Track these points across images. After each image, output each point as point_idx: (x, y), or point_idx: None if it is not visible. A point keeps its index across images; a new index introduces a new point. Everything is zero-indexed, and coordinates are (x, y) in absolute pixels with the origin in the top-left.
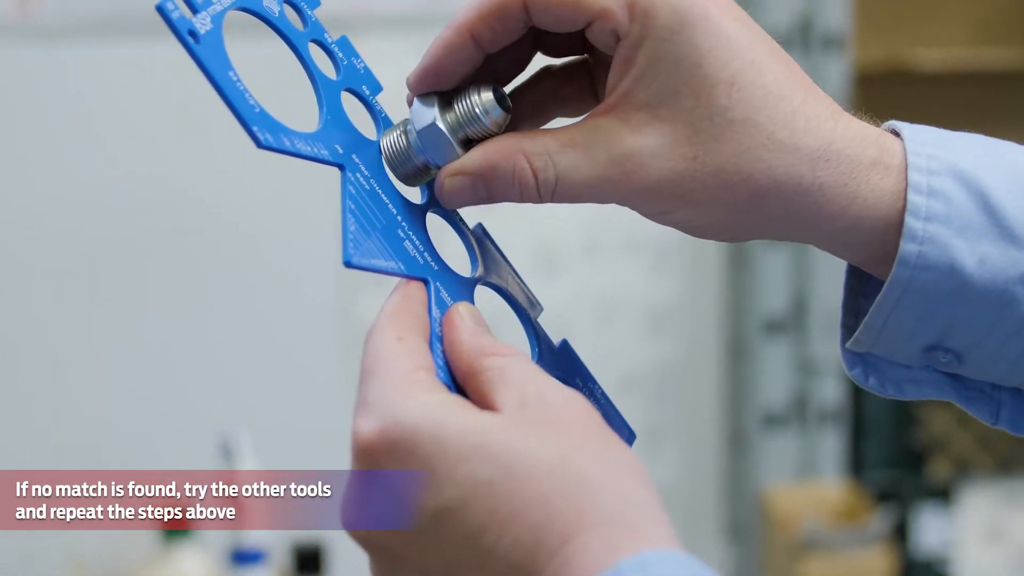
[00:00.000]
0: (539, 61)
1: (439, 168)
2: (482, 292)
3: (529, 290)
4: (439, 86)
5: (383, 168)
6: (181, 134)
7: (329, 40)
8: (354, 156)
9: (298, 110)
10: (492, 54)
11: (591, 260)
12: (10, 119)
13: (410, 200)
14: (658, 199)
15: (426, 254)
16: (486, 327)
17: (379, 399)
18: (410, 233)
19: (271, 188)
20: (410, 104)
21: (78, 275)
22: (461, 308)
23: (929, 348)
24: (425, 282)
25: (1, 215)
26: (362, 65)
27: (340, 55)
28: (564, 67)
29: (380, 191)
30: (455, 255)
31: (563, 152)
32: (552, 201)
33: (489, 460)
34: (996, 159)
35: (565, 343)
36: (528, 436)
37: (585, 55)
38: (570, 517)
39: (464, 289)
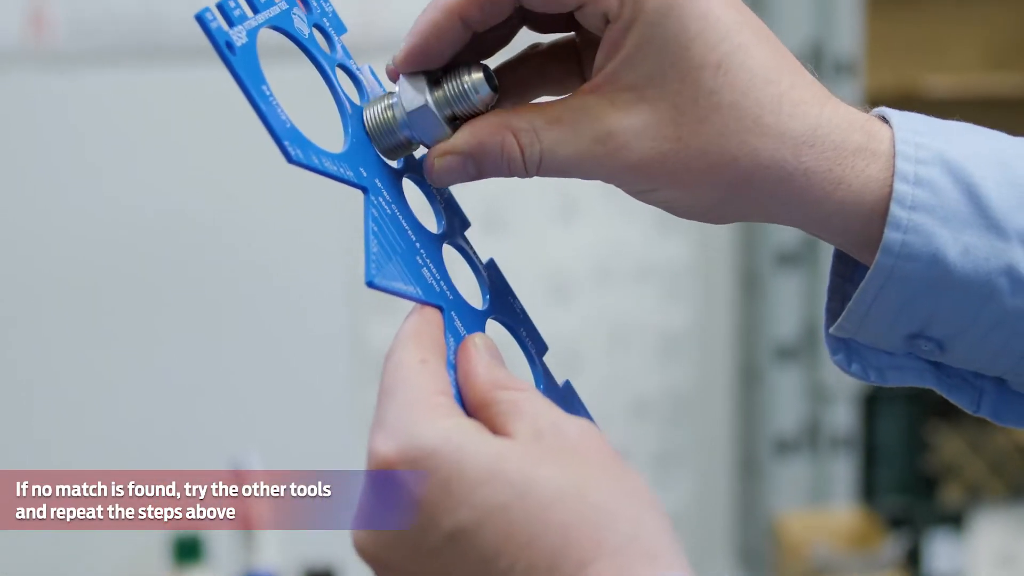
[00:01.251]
0: (525, 37)
1: (423, 144)
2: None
3: (536, 328)
4: (426, 66)
5: (403, 195)
6: (194, 160)
7: (355, 66)
8: (377, 180)
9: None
10: (481, 33)
11: (603, 287)
12: (24, 144)
13: (428, 230)
14: (641, 178)
15: (442, 283)
16: (501, 360)
17: (399, 419)
18: (428, 261)
19: (284, 215)
20: (391, 76)
21: (90, 301)
22: (477, 339)
23: (912, 336)
24: (441, 310)
25: (16, 238)
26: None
27: (365, 82)
28: (551, 46)
29: (401, 217)
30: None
31: (549, 129)
32: (538, 175)
33: (507, 485)
34: (985, 149)
35: (568, 384)
36: (545, 463)
37: (572, 34)
38: (587, 544)
39: (477, 321)
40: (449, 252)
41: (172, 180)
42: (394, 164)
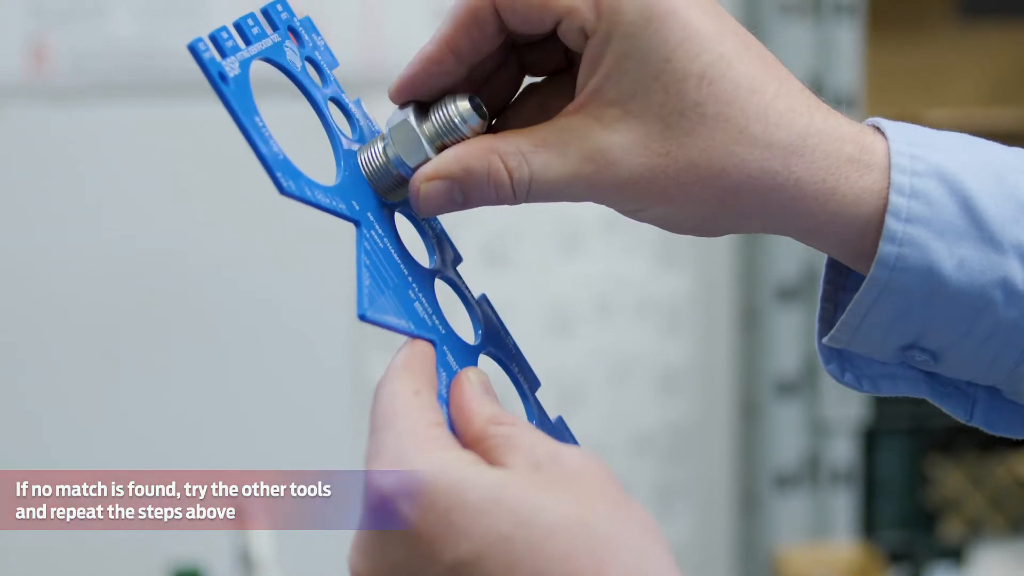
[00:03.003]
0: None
1: (410, 172)
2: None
3: (528, 364)
4: (418, 96)
5: (395, 229)
6: (195, 194)
7: (347, 100)
8: (369, 214)
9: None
10: (482, 80)
11: (604, 321)
12: (24, 178)
13: (420, 264)
14: (632, 195)
15: (435, 317)
16: (494, 395)
17: (396, 451)
18: (420, 295)
19: (286, 248)
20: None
21: (89, 335)
22: (471, 374)
23: (906, 347)
24: (433, 343)
25: (17, 271)
26: (376, 127)
27: (357, 115)
28: (548, 80)
29: (393, 251)
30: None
31: (536, 151)
32: (527, 201)
33: (508, 515)
34: (980, 161)
35: (561, 420)
36: (546, 493)
37: (569, 66)
38: (589, 575)
39: (469, 356)
40: (442, 287)
41: (173, 214)
42: (427, 264)
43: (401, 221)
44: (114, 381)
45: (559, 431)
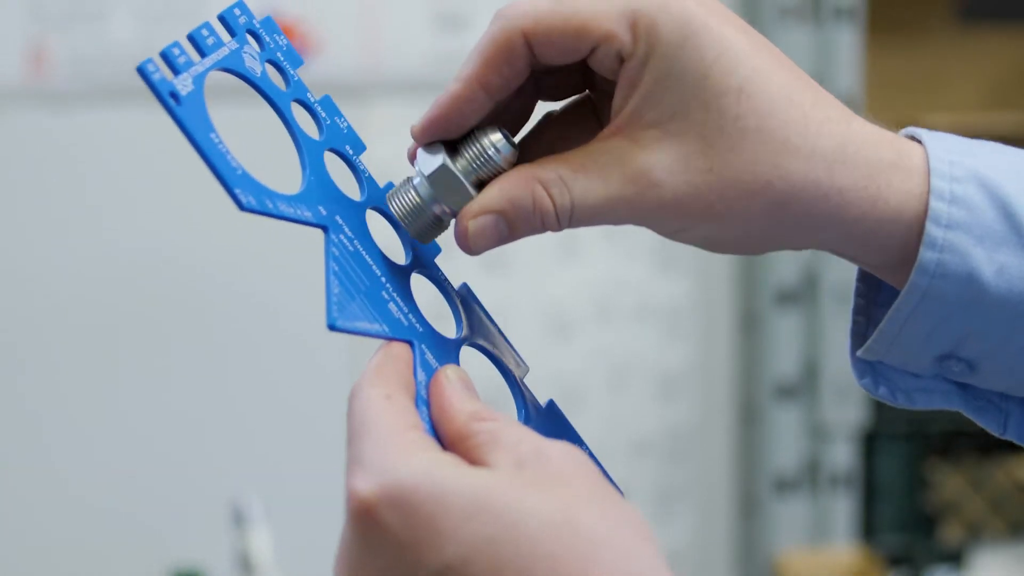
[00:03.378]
0: (540, 109)
1: (454, 214)
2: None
3: (515, 350)
4: (445, 136)
5: (367, 229)
6: (194, 198)
7: (312, 99)
8: (337, 217)
9: (284, 175)
10: (497, 106)
11: (603, 325)
12: (23, 183)
13: (394, 262)
14: (676, 215)
15: (411, 316)
16: (474, 391)
17: (375, 458)
18: (394, 295)
19: (282, 257)
20: (411, 158)
21: (87, 340)
22: (449, 372)
23: (942, 357)
24: (410, 344)
25: (15, 276)
26: (345, 124)
27: (323, 115)
28: (566, 109)
29: (364, 252)
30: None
31: (576, 176)
32: (571, 226)
33: (493, 518)
34: (1014, 166)
35: (552, 403)
36: (531, 493)
37: (586, 91)
38: None
39: (450, 351)
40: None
41: (172, 218)
42: (402, 262)
43: (373, 218)
44: (114, 384)
45: (550, 417)
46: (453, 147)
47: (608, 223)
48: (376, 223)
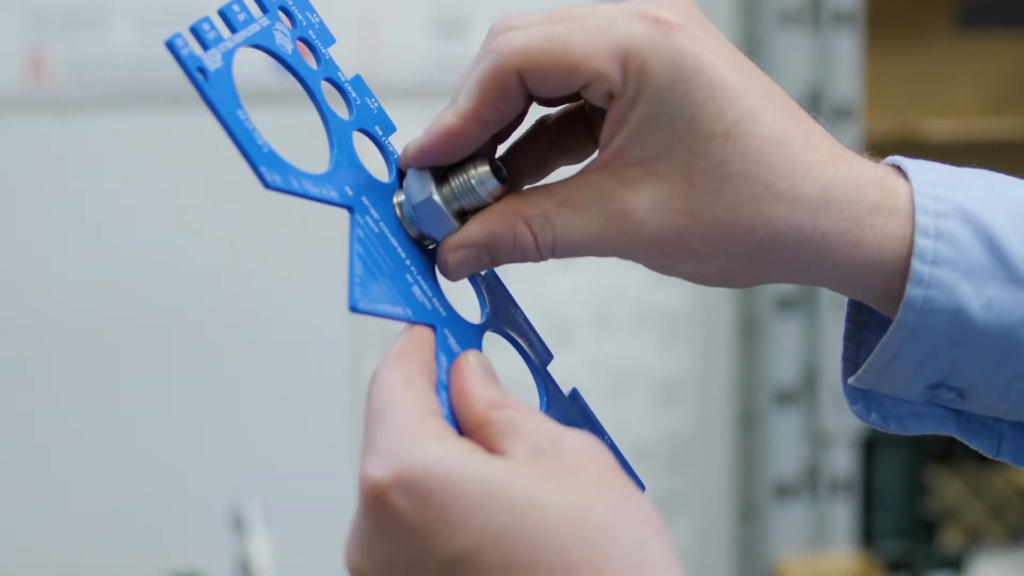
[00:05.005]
0: (535, 111)
1: (433, 239)
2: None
3: (540, 337)
4: (437, 164)
5: (394, 211)
6: (194, 204)
7: (343, 79)
8: (364, 198)
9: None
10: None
11: (603, 332)
12: (22, 189)
13: (421, 244)
14: (658, 253)
15: (435, 300)
16: (495, 378)
17: (390, 443)
18: (419, 278)
19: (282, 262)
20: (400, 173)
21: (87, 347)
22: (471, 357)
23: (933, 386)
24: (433, 328)
25: (14, 283)
26: (376, 105)
27: (353, 94)
28: (560, 116)
29: (390, 234)
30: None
31: (559, 212)
32: (553, 257)
33: (504, 508)
34: (1002, 197)
35: (575, 392)
36: (543, 484)
37: (581, 101)
38: (587, 569)
39: (473, 337)
40: None
41: (172, 224)
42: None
43: None
44: (114, 389)
45: (573, 405)
46: (441, 170)
47: (591, 255)
48: None
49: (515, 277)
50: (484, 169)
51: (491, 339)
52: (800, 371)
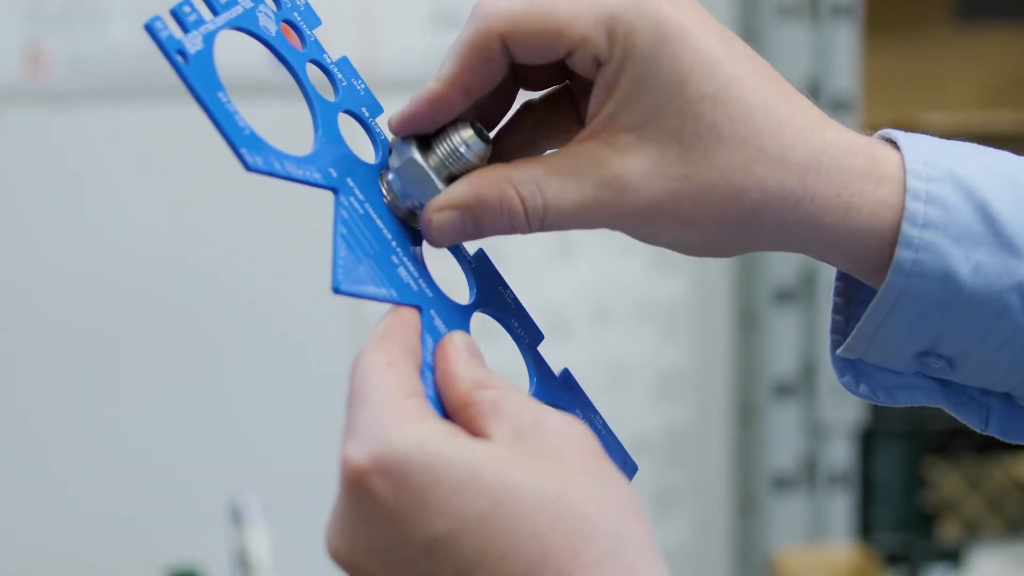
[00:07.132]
0: (521, 97)
1: (422, 205)
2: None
3: (529, 317)
4: (420, 130)
5: (379, 192)
6: (193, 197)
7: (328, 60)
8: (349, 179)
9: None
10: (477, 101)
11: (601, 325)
12: (21, 183)
13: (407, 225)
14: (650, 220)
15: (421, 281)
16: (481, 358)
17: (370, 426)
18: (404, 259)
19: (283, 257)
20: (389, 150)
21: (85, 340)
22: (456, 338)
23: (921, 354)
24: (419, 309)
25: (12, 276)
26: (362, 86)
27: (339, 76)
28: (545, 99)
29: (375, 215)
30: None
31: (550, 179)
32: (542, 230)
33: (483, 493)
34: (994, 167)
35: (566, 372)
36: (523, 469)
37: (565, 82)
38: (564, 556)
39: (460, 317)
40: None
41: (171, 218)
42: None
43: None
44: (112, 383)
45: (564, 386)
46: (426, 140)
47: (581, 227)
48: None
49: (514, 271)
50: (468, 132)
51: (484, 328)
52: (798, 364)
